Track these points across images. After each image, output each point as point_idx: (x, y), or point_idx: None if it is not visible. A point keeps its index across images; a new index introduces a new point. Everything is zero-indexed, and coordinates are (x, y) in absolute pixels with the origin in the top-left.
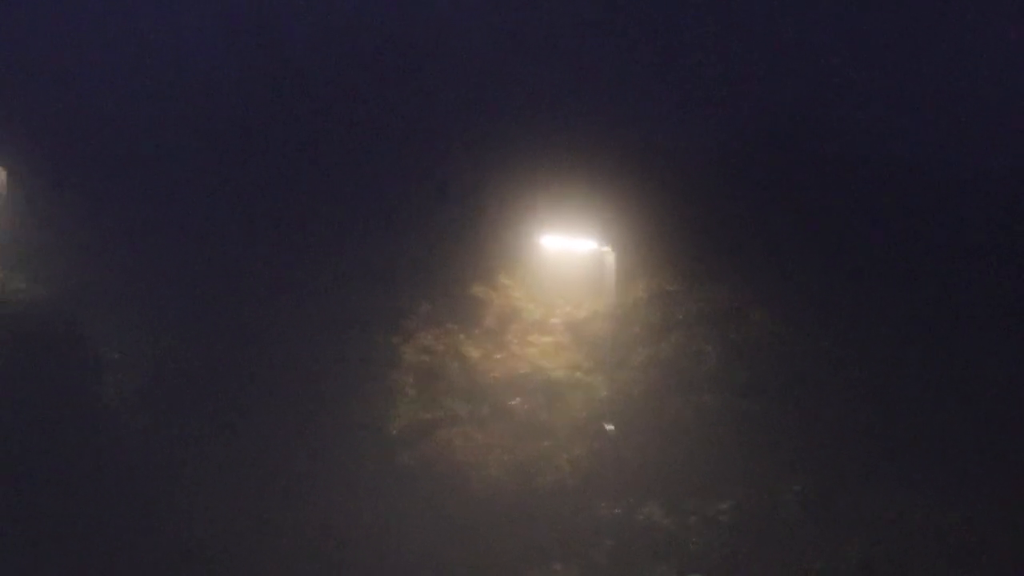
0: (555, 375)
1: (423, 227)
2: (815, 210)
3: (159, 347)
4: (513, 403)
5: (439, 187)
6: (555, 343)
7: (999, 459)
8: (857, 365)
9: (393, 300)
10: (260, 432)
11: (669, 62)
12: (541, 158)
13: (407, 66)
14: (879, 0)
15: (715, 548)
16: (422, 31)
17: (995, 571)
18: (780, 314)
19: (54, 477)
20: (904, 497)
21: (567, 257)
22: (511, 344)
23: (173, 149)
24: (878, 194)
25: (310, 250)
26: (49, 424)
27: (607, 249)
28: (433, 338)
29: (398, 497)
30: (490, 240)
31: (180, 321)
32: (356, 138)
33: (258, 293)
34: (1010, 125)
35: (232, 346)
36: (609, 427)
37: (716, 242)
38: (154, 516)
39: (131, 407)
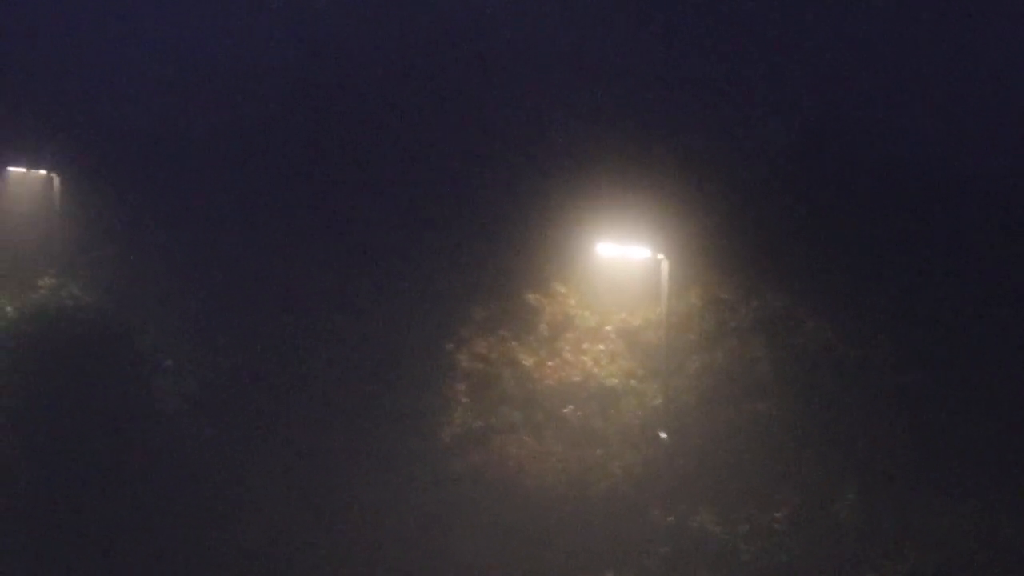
0: (609, 383)
1: (479, 234)
2: (869, 218)
3: (213, 354)
4: (566, 411)
5: (495, 195)
6: (609, 351)
7: None
8: (911, 372)
9: (448, 307)
10: (314, 438)
11: (723, 70)
12: (597, 166)
13: (466, 73)
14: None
15: (768, 556)
16: (481, 38)
17: None
18: (833, 322)
19: (107, 480)
20: (958, 505)
21: (622, 265)
22: (565, 351)
23: (227, 158)
24: (933, 201)
25: (365, 257)
26: (102, 429)
27: (661, 257)
28: (487, 345)
29: (451, 504)
30: (545, 248)
31: (233, 328)
32: (412, 145)
33: (313, 300)
34: None
35: (286, 353)
36: (663, 435)
37: (770, 250)
38: (209, 520)
39: (185, 413)
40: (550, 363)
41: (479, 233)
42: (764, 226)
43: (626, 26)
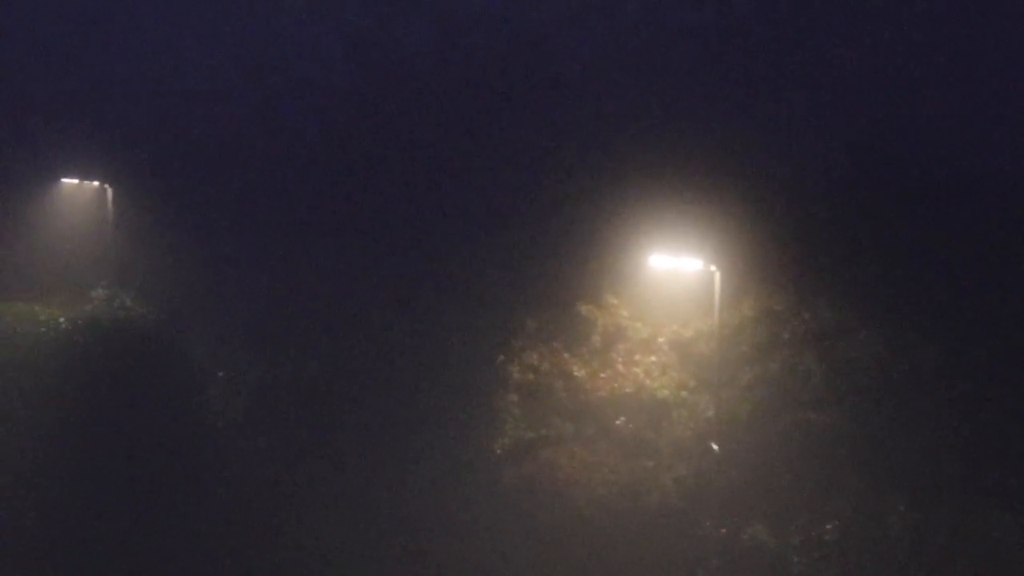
0: (661, 394)
1: (531, 246)
2: (920, 229)
3: (267, 366)
4: (618, 422)
5: (548, 207)
6: (661, 362)
7: None
8: (963, 384)
9: (500, 318)
10: (366, 450)
11: (776, 84)
12: (650, 178)
13: (520, 84)
14: (983, 20)
15: (819, 568)
16: (534, 50)
17: None
18: (884, 333)
19: (159, 492)
20: (1009, 516)
21: (674, 276)
22: (617, 363)
23: (283, 169)
24: (985, 212)
25: (418, 269)
26: (154, 441)
27: (714, 268)
28: (539, 356)
29: (503, 516)
30: (598, 259)
31: (287, 339)
32: (466, 157)
33: (366, 312)
34: None
35: (339, 365)
36: (714, 446)
37: (822, 262)
38: (261, 532)
39: (237, 424)
40: (602, 375)
41: (531, 244)
42: (816, 238)
43: (679, 36)
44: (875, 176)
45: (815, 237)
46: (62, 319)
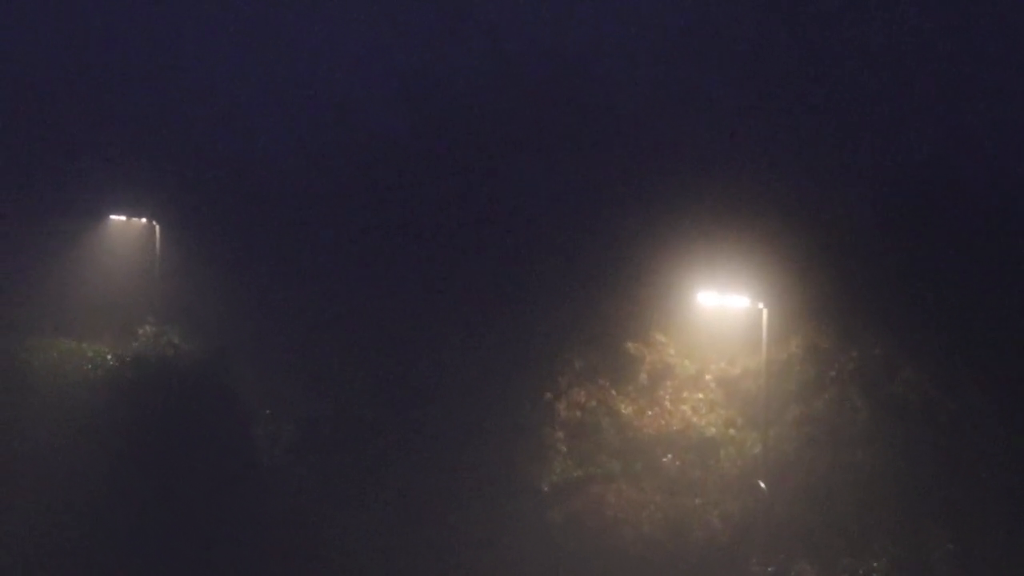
0: (708, 432)
1: (579, 283)
2: (967, 269)
3: (312, 402)
4: (665, 460)
5: (596, 244)
6: (708, 400)
7: None
8: (1008, 423)
9: (548, 356)
10: (413, 487)
11: (823, 122)
12: (698, 216)
13: (572, 123)
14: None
15: None
16: (591, 91)
17: None
18: (931, 372)
19: (206, 531)
20: None
21: (721, 314)
22: (664, 400)
23: (328, 209)
24: None
25: (465, 306)
26: (201, 479)
27: (761, 306)
28: (586, 394)
29: (550, 553)
30: (645, 296)
31: (333, 376)
32: (512, 194)
33: (413, 349)
34: None
35: (386, 401)
36: (761, 484)
37: (868, 299)
38: (306, 565)
39: (282, 462)
40: (649, 412)
41: (579, 282)
42: (863, 276)
43: (728, 72)
44: (923, 213)
45: (862, 274)
46: (109, 356)
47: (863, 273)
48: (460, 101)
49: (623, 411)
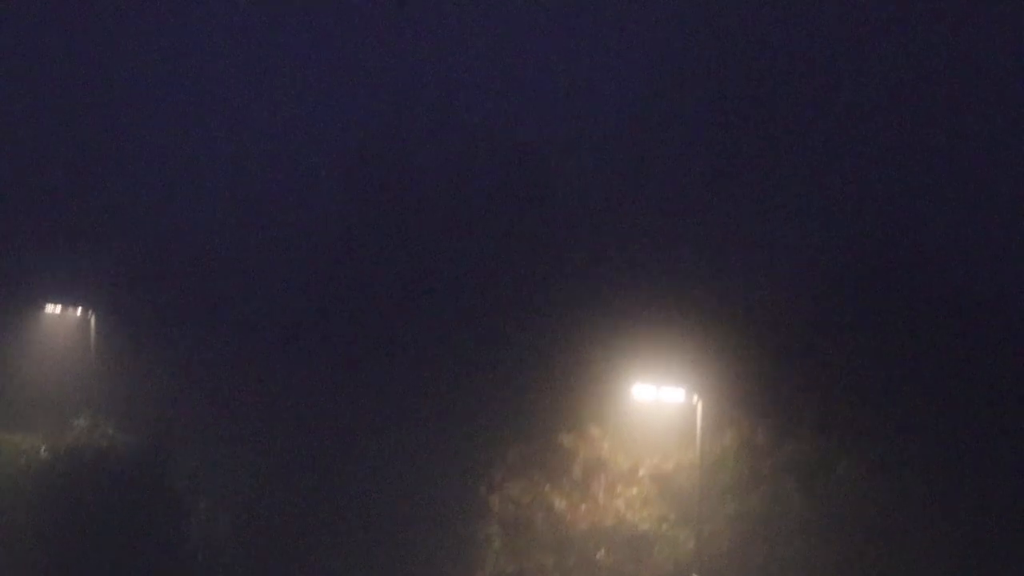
0: (642, 527)
1: (513, 375)
2: (901, 362)
3: (245, 494)
4: (599, 555)
5: (530, 335)
6: (642, 495)
7: None
8: (945, 511)
9: (481, 448)
10: None
11: (763, 219)
12: (634, 307)
13: (507, 213)
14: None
15: None
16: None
17: None
18: (866, 464)
19: None
20: None
21: (656, 407)
22: (598, 495)
23: (262, 296)
24: (970, 339)
25: (399, 397)
26: (135, 568)
27: (695, 399)
28: (520, 488)
29: None
30: (580, 389)
31: (267, 469)
32: (447, 283)
33: (343, 440)
34: None
35: (318, 493)
36: None
37: (803, 394)
38: None
39: (217, 553)
40: (583, 507)
41: (513, 373)
42: (798, 370)
43: (664, 167)
44: (859, 309)
45: (797, 368)
46: (43, 448)
47: (798, 367)
48: (403, 189)
49: (557, 506)
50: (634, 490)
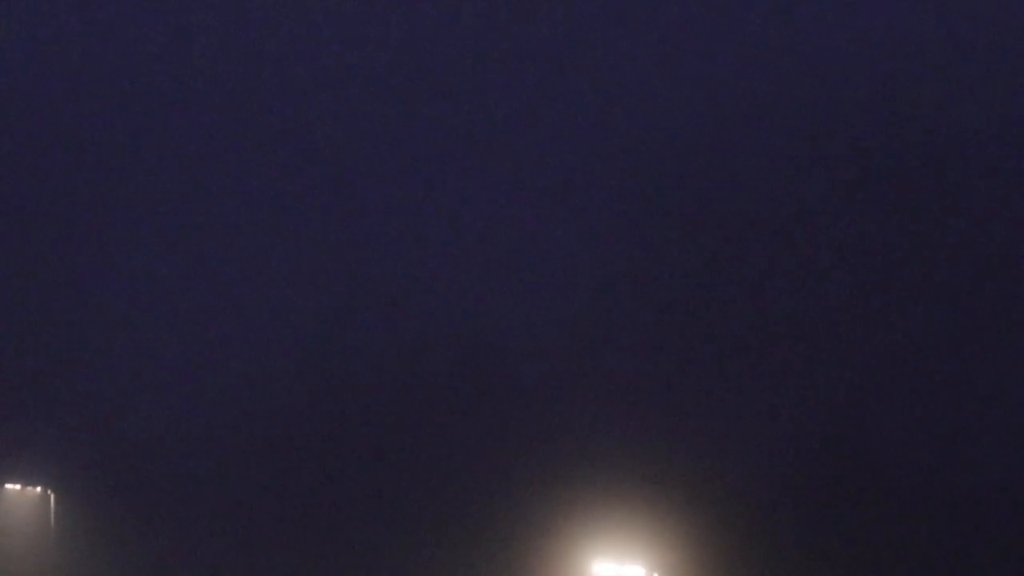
0: None
1: (470, 553)
2: (864, 539)
3: None
4: None
5: (488, 513)
6: None
7: None
8: None
9: None
10: None
11: (721, 384)
12: (592, 483)
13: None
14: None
15: None
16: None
17: None
18: None
19: None
20: None
21: None
22: None
23: (221, 474)
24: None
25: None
26: None
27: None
28: None
29: None
30: (540, 565)
31: None
32: (405, 462)
33: None
34: None
35: None
36: None
37: (762, 567)
38: None
39: None
40: None
41: (470, 551)
42: (756, 543)
43: (626, 347)
44: (819, 481)
45: (756, 542)
46: None
47: (760, 543)
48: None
49: None
50: None
